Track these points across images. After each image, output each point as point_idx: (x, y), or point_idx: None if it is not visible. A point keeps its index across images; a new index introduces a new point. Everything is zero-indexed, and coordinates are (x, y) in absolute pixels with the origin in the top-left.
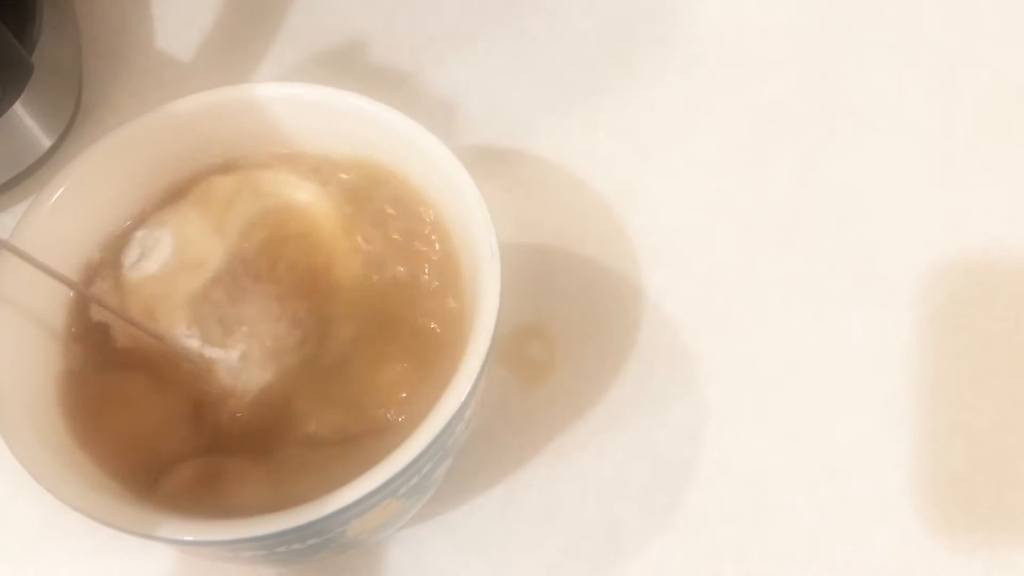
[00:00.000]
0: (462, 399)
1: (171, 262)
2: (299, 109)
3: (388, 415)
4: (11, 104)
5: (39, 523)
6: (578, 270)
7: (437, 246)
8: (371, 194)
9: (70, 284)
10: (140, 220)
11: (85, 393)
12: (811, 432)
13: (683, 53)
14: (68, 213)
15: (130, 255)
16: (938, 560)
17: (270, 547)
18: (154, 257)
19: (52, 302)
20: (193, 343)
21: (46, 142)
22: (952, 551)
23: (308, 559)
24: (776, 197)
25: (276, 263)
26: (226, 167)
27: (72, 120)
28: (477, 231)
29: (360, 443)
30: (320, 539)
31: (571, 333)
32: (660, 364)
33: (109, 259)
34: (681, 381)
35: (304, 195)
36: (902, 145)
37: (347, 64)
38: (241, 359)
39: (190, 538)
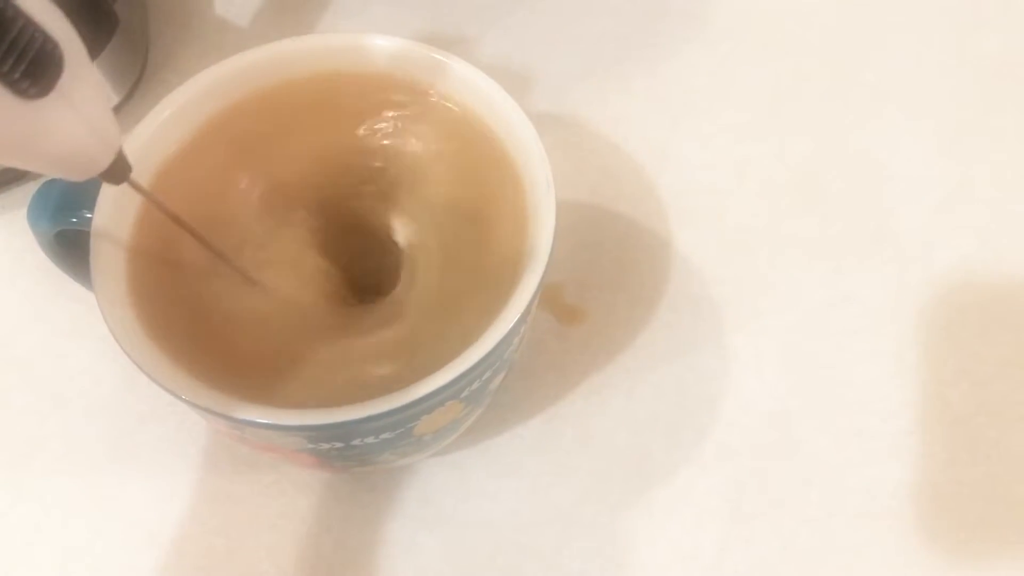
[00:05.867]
0: (522, 309)
1: None
2: (367, 56)
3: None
4: (97, 54)
5: (109, 444)
6: (612, 226)
7: (502, 180)
8: (439, 135)
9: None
10: None
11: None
12: (826, 375)
13: (713, 28)
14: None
15: None
16: (942, 490)
17: (347, 438)
18: None
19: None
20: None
21: (115, 97)
22: (955, 481)
23: (376, 459)
24: (797, 162)
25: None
26: None
27: (139, 79)
28: (535, 166)
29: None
30: (392, 433)
31: (605, 283)
32: (687, 313)
33: None
34: (707, 328)
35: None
36: (914, 116)
37: (395, 35)
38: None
39: (280, 422)
